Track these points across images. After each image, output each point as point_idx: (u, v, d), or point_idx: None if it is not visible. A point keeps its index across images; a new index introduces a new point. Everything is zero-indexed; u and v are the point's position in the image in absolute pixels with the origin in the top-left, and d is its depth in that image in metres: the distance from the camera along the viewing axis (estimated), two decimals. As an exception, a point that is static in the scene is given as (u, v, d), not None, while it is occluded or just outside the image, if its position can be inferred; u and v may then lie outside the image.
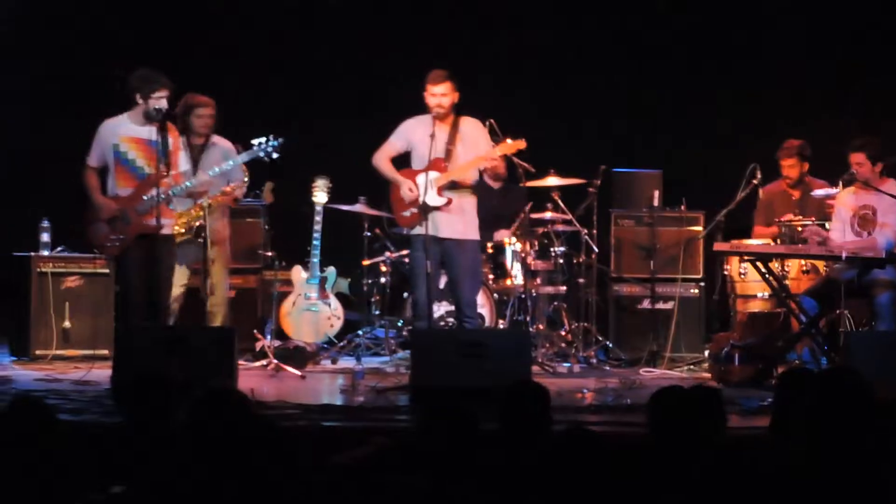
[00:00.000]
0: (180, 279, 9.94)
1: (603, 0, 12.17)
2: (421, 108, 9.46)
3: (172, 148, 9.15)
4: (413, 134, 9.54)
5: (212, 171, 9.39)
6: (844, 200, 9.73)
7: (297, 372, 9.84)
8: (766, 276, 9.57)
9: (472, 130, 9.55)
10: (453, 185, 9.42)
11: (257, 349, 10.40)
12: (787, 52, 11.99)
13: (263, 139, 9.40)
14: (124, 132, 9.13)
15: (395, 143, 9.61)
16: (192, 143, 9.95)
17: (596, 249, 11.08)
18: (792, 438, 4.76)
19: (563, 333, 10.99)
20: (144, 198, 8.98)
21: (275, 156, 9.41)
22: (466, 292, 9.56)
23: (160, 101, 9.02)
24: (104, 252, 9.43)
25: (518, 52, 12.13)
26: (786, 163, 10.63)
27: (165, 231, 9.18)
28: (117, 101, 9.30)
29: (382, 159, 9.59)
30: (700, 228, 11.26)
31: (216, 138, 10.07)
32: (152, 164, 8.99)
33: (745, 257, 9.99)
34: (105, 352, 9.86)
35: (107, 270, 10.66)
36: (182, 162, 9.31)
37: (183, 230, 9.56)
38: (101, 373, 9.01)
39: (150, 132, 9.01)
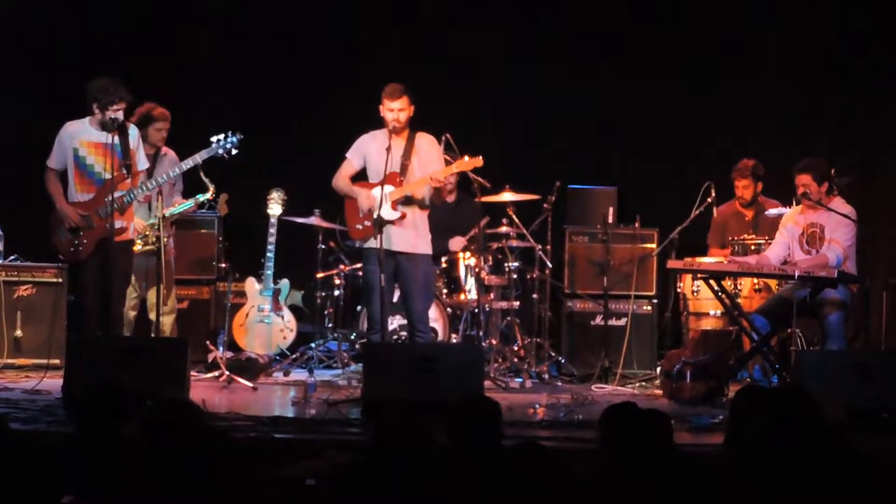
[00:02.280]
0: (134, 290, 9.95)
1: (562, 17, 12.18)
2: (377, 121, 9.46)
3: (133, 148, 9.14)
4: (367, 148, 9.53)
5: (163, 177, 9.42)
6: (794, 218, 9.77)
7: (249, 384, 9.82)
8: (719, 293, 9.61)
9: (428, 146, 9.56)
10: (407, 200, 9.43)
11: (210, 360, 10.38)
12: (743, 72, 12.04)
13: (222, 136, 9.41)
14: (85, 137, 9.11)
15: (351, 162, 9.60)
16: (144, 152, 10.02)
17: (550, 265, 11.11)
18: (745, 455, 4.79)
19: (516, 348, 10.99)
20: (106, 201, 8.93)
21: (234, 152, 9.42)
22: (419, 306, 9.55)
23: (117, 113, 9.02)
24: (67, 259, 9.35)
25: (475, 67, 12.12)
26: (740, 183, 10.72)
27: (126, 235, 9.18)
28: (69, 108, 9.31)
29: (341, 179, 9.59)
30: (654, 246, 11.31)
31: (166, 149, 10.20)
32: (109, 168, 8.96)
33: (699, 275, 10.04)
34: (57, 361, 9.77)
35: (59, 279, 10.64)
36: (141, 161, 9.30)
37: (140, 244, 9.58)
38: (53, 382, 8.96)
39: (108, 136, 8.98)
